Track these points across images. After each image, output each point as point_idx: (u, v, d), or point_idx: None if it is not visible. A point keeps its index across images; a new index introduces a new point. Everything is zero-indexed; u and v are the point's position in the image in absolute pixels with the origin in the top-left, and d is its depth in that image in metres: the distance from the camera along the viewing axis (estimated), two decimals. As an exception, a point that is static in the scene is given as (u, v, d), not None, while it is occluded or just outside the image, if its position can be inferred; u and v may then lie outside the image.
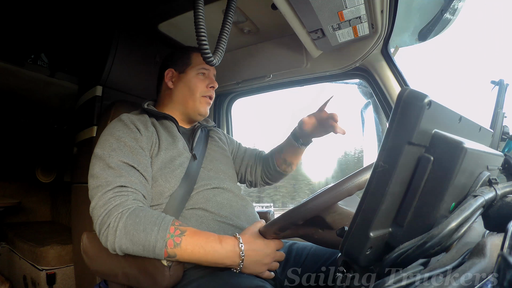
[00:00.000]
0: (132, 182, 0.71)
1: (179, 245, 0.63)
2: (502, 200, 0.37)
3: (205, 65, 0.96)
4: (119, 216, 0.64)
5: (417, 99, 0.30)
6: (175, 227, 0.65)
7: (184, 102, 0.94)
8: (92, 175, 0.72)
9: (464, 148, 0.32)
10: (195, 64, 0.96)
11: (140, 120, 0.83)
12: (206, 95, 0.95)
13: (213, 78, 0.98)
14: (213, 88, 0.96)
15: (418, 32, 1.19)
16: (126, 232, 0.63)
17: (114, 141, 0.75)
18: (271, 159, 1.13)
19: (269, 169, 1.14)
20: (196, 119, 0.98)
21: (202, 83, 0.94)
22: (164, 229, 0.64)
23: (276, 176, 1.15)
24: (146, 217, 0.65)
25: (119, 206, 0.66)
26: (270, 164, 1.13)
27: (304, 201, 0.58)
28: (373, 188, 0.33)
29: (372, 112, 1.31)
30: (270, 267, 0.70)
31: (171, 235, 0.64)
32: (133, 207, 0.67)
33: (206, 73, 0.97)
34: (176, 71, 0.97)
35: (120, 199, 0.67)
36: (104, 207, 0.66)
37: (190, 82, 0.94)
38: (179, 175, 0.81)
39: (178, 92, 0.95)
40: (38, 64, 1.62)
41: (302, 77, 1.34)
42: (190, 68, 0.95)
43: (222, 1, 1.03)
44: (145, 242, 0.62)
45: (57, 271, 1.48)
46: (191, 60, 0.96)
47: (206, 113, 0.96)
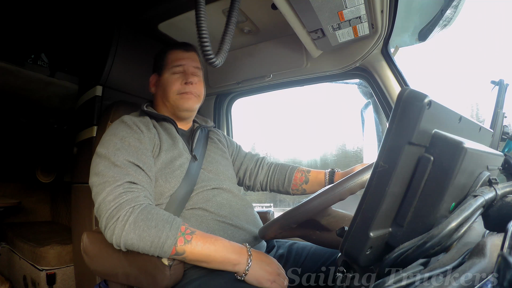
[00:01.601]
0: (140, 180, 0.71)
1: (190, 242, 0.64)
2: (502, 200, 0.37)
3: (178, 61, 0.92)
4: (131, 211, 0.64)
5: (417, 99, 0.30)
6: (185, 227, 0.67)
7: (164, 103, 0.93)
8: (96, 173, 0.71)
9: (464, 148, 0.32)
10: (169, 63, 0.93)
11: (142, 122, 0.83)
12: (183, 92, 0.90)
13: (190, 72, 0.92)
14: (191, 83, 0.90)
15: (418, 32, 1.19)
16: (136, 227, 0.63)
17: (118, 141, 0.75)
18: (288, 177, 1.09)
19: (278, 183, 1.10)
20: (184, 116, 0.95)
21: (175, 82, 0.90)
22: (176, 227, 0.65)
23: (281, 191, 1.12)
24: (158, 215, 0.66)
25: (131, 201, 0.66)
26: (285, 180, 1.09)
27: (297, 205, 0.58)
28: (373, 188, 0.33)
29: (372, 112, 1.31)
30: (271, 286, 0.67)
31: (182, 233, 0.65)
32: (145, 204, 0.67)
33: (182, 69, 0.92)
34: (157, 75, 0.96)
35: (131, 194, 0.67)
36: (114, 201, 0.65)
37: (164, 84, 0.92)
38: (179, 176, 0.81)
39: (158, 96, 0.95)
40: (38, 64, 1.61)
41: (302, 77, 1.34)
42: (165, 69, 0.93)
43: (222, 1, 1.03)
44: (154, 238, 0.63)
45: (57, 271, 1.48)
46: (166, 60, 0.94)
47: (190, 107, 0.92)
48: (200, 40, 0.62)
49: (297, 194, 1.10)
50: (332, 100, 2.37)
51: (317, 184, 1.05)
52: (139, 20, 1.23)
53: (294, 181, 1.08)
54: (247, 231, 0.82)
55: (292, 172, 1.09)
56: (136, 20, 1.24)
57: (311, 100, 2.34)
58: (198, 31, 0.61)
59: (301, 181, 1.07)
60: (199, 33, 0.62)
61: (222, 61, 0.66)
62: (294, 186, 1.08)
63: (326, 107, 2.38)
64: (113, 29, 1.23)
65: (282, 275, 0.68)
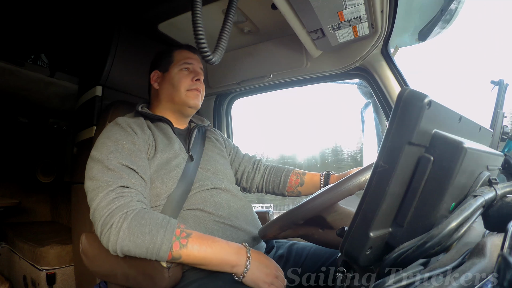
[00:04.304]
0: (134, 183, 0.70)
1: (186, 246, 0.63)
2: (502, 200, 0.37)
3: (187, 60, 0.95)
4: (123, 217, 0.64)
5: (417, 99, 0.30)
6: (180, 229, 0.65)
7: (171, 99, 0.93)
8: (90, 178, 0.71)
9: (464, 148, 0.32)
10: (177, 60, 0.95)
11: (136, 123, 0.83)
12: (192, 88, 0.92)
13: (198, 71, 0.96)
14: (199, 81, 0.94)
15: (418, 32, 1.19)
16: (130, 233, 0.62)
17: (112, 144, 0.74)
18: (283, 179, 1.09)
19: (274, 186, 1.11)
20: (187, 112, 0.96)
21: (186, 78, 0.93)
22: (170, 231, 0.63)
23: (276, 193, 1.13)
24: (151, 219, 0.64)
25: (123, 207, 0.65)
26: (280, 182, 1.10)
27: (304, 200, 0.58)
28: (373, 188, 0.33)
29: (372, 112, 1.31)
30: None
31: (177, 237, 0.64)
32: (137, 209, 0.66)
33: (190, 68, 0.95)
34: (161, 71, 0.97)
35: (124, 199, 0.66)
36: (107, 207, 0.65)
37: (173, 79, 0.93)
38: (175, 177, 0.80)
39: (163, 91, 0.94)
40: (38, 64, 1.62)
41: (302, 77, 1.34)
42: (172, 66, 0.95)
43: (222, 1, 1.03)
44: (149, 245, 0.62)
45: (57, 271, 1.47)
46: (173, 57, 0.96)
47: (196, 105, 0.94)
48: (196, 37, 0.62)
49: (292, 196, 1.10)
50: (332, 100, 2.38)
51: (312, 186, 1.05)
52: (139, 20, 1.23)
53: (290, 183, 1.08)
54: (246, 232, 0.82)
55: (288, 175, 1.09)
56: (136, 20, 1.24)
57: (311, 100, 2.34)
58: (194, 28, 0.61)
59: (296, 184, 1.07)
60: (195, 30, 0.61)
61: (219, 58, 0.66)
62: (290, 188, 1.08)
63: (326, 107, 2.38)
64: (113, 29, 1.23)
65: (280, 278, 0.68)
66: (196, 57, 0.99)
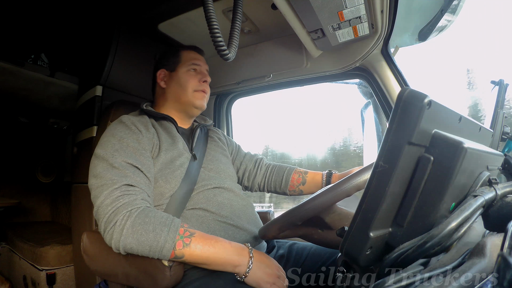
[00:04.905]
0: (138, 182, 0.70)
1: (189, 245, 0.63)
2: (502, 200, 0.37)
3: (195, 61, 0.96)
4: (128, 215, 0.64)
5: (417, 99, 0.30)
6: (184, 229, 0.66)
7: (177, 98, 0.94)
8: (94, 175, 0.71)
9: (464, 148, 0.32)
10: (185, 60, 0.96)
11: (140, 122, 0.83)
12: (199, 89, 0.94)
13: (205, 73, 0.97)
14: (206, 83, 0.95)
15: (418, 32, 1.19)
16: (134, 231, 0.63)
17: (116, 142, 0.75)
18: (285, 178, 1.09)
19: (276, 184, 1.11)
20: (192, 113, 0.97)
21: (193, 78, 0.94)
22: (174, 230, 0.64)
23: (278, 192, 1.13)
24: (156, 218, 0.65)
25: (128, 205, 0.65)
26: (282, 181, 1.10)
27: (303, 201, 0.58)
28: (373, 188, 0.33)
29: (372, 112, 1.31)
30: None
31: (181, 236, 0.64)
32: (142, 207, 0.66)
33: (198, 69, 0.96)
34: (168, 71, 0.97)
35: (128, 197, 0.66)
36: (111, 205, 0.65)
37: (181, 78, 0.94)
38: (179, 176, 0.80)
39: (170, 90, 0.95)
40: (38, 64, 1.61)
41: (302, 77, 1.34)
42: (180, 66, 0.95)
43: (221, 2, 1.03)
44: (153, 243, 0.62)
45: (57, 271, 1.48)
46: (181, 57, 0.97)
47: (202, 106, 0.95)
48: (212, 34, 0.61)
49: (294, 195, 1.10)
50: (332, 100, 2.37)
51: (314, 185, 1.05)
52: (139, 20, 1.23)
53: (292, 182, 1.08)
54: (248, 231, 0.82)
55: (290, 173, 1.09)
56: (136, 20, 1.24)
57: (311, 100, 2.34)
58: (210, 26, 0.61)
59: (298, 182, 1.08)
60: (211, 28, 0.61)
61: (234, 54, 0.65)
62: (291, 187, 1.08)
63: (326, 107, 2.38)
64: (113, 29, 1.23)
65: (282, 277, 0.68)
66: (203, 58, 1.00)
